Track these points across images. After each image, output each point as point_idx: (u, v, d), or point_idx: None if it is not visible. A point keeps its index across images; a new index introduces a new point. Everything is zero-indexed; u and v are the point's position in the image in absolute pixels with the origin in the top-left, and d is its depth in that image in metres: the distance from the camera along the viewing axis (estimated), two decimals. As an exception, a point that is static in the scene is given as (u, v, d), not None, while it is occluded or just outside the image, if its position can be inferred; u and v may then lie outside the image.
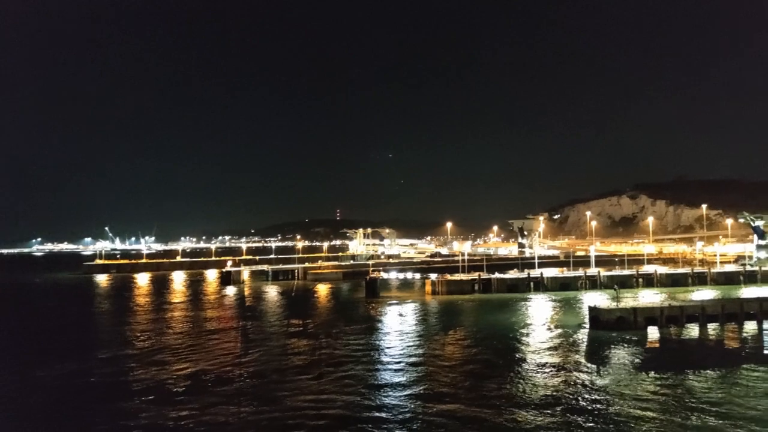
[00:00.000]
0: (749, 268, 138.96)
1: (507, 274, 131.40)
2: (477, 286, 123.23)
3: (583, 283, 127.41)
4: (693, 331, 76.42)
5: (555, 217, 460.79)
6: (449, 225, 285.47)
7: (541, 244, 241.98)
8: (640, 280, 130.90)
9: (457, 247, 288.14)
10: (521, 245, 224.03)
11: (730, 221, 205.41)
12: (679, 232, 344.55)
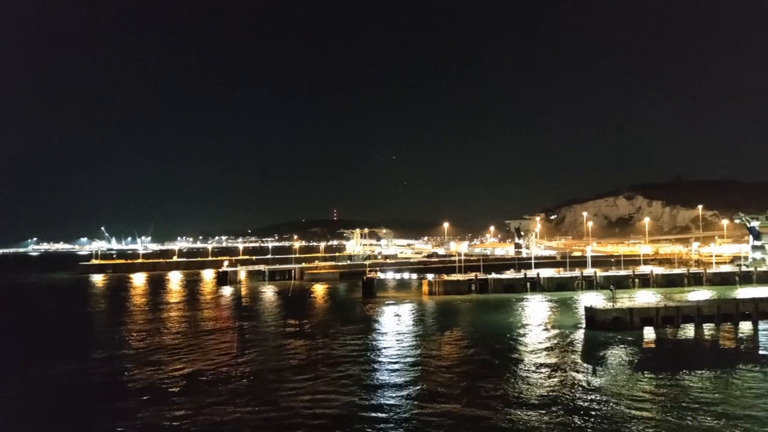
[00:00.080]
0: (745, 269, 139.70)
1: (504, 275, 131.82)
2: (474, 287, 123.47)
3: (580, 283, 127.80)
4: (689, 331, 76.69)
5: (552, 217, 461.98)
6: (446, 225, 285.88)
7: (537, 245, 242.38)
8: (637, 281, 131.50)
9: (454, 247, 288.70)
10: (518, 246, 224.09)
11: (726, 222, 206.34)
12: (675, 233, 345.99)
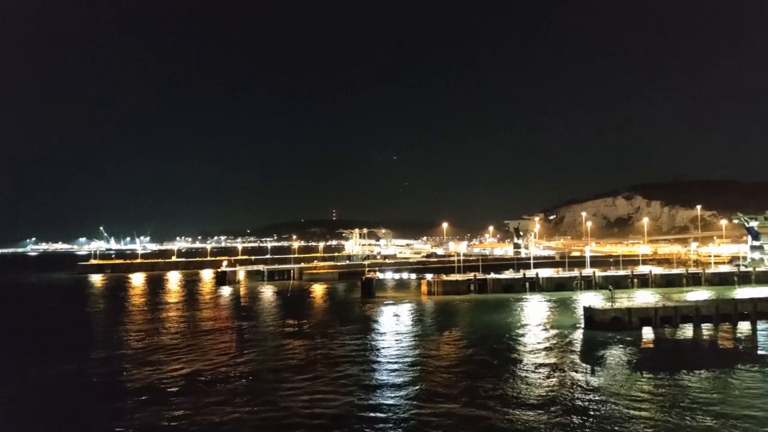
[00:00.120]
0: (743, 269, 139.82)
1: (503, 275, 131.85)
2: (473, 287, 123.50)
3: (579, 283, 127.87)
4: (687, 331, 76.77)
5: (551, 217, 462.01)
6: (445, 225, 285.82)
7: (536, 245, 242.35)
8: (635, 281, 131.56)
9: (453, 247, 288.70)
10: (517, 246, 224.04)
11: (725, 222, 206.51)
12: (673, 233, 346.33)
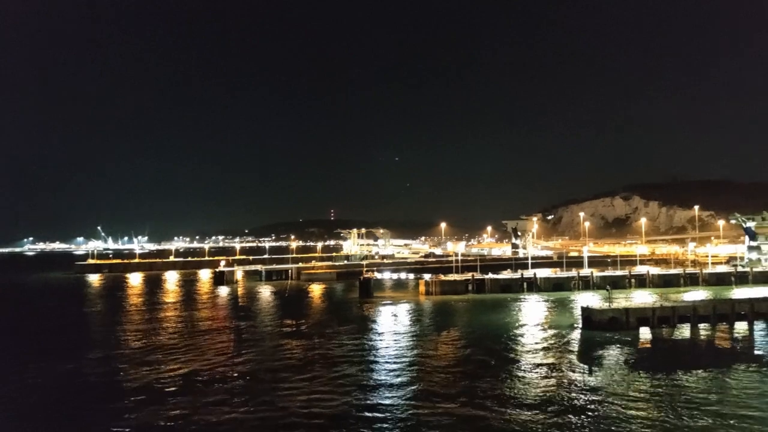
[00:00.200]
0: (741, 269, 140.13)
1: (500, 275, 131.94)
2: (470, 287, 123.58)
3: (576, 283, 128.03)
4: (685, 331, 76.93)
5: (549, 217, 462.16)
6: (443, 225, 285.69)
7: (534, 245, 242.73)
8: (633, 281, 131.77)
9: (451, 247, 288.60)
10: (515, 246, 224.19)
11: (722, 222, 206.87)
12: (671, 233, 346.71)
